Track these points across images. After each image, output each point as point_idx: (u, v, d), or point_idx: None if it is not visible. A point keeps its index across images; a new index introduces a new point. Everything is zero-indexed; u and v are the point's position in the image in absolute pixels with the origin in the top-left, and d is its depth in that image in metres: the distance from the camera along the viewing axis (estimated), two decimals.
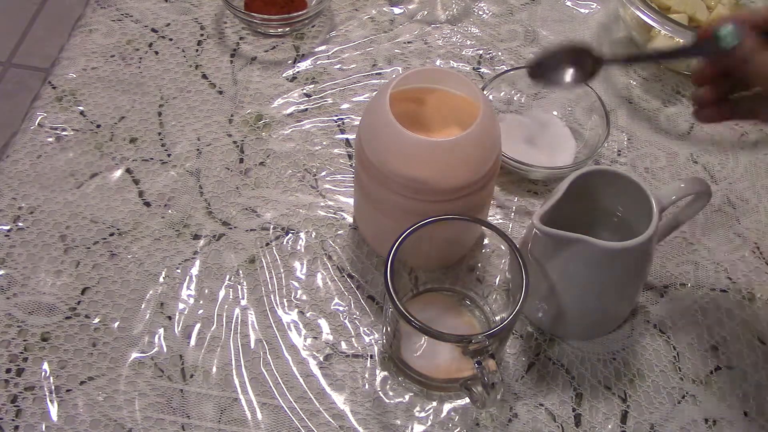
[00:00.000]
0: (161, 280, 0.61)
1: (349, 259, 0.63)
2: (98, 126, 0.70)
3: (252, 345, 0.58)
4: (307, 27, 0.78)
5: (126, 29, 0.77)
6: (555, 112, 0.72)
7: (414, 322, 0.47)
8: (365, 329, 0.59)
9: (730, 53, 0.46)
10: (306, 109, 0.72)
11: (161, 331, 0.58)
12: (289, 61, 0.76)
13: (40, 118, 0.70)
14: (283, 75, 0.75)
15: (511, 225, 0.65)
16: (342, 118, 0.72)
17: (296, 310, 0.60)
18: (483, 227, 0.55)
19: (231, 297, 0.60)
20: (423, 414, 0.55)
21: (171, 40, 0.77)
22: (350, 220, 0.65)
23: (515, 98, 0.73)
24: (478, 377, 0.48)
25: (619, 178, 0.55)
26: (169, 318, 0.59)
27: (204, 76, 0.74)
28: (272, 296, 0.60)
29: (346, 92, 0.74)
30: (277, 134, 0.70)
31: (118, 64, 0.75)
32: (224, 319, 0.59)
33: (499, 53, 0.78)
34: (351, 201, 0.66)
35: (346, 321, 0.59)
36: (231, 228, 0.64)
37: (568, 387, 0.57)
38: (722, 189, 0.69)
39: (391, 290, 0.48)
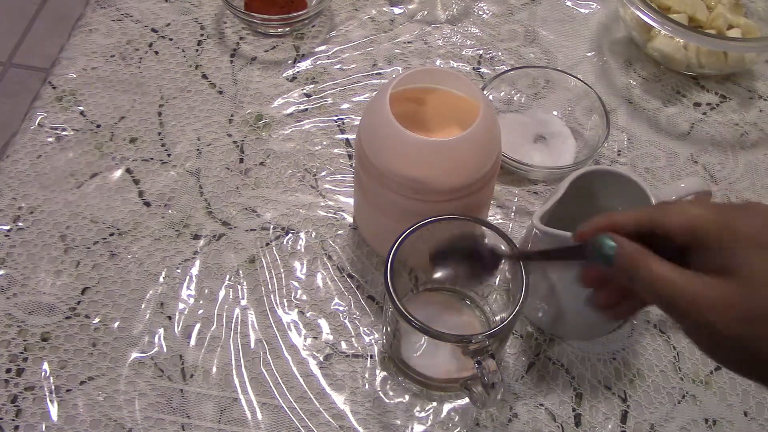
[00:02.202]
0: (161, 280, 0.61)
1: (349, 259, 0.63)
2: (98, 126, 0.70)
3: (252, 345, 0.58)
4: (307, 27, 0.78)
5: (126, 29, 0.77)
6: (555, 112, 0.72)
7: (414, 322, 0.47)
8: (365, 329, 0.59)
9: (610, 266, 0.39)
10: (306, 109, 0.72)
11: (161, 331, 0.58)
12: (289, 61, 0.76)
13: (40, 118, 0.70)
14: (283, 75, 0.75)
15: (511, 225, 0.65)
16: (342, 118, 0.72)
17: (296, 310, 0.60)
18: (483, 227, 0.55)
19: (231, 297, 0.60)
20: (423, 414, 0.55)
21: (171, 40, 0.77)
22: (350, 220, 0.65)
23: (515, 98, 0.73)
24: (478, 377, 0.48)
25: (619, 178, 0.55)
26: (169, 318, 0.59)
27: (204, 76, 0.74)
28: (272, 296, 0.60)
29: (346, 92, 0.74)
30: (277, 134, 0.70)
31: (118, 64, 0.75)
32: (224, 319, 0.59)
33: (499, 53, 0.78)
34: (351, 201, 0.66)
35: (346, 321, 0.59)
36: (231, 228, 0.64)
37: (568, 387, 0.57)
38: (722, 189, 0.69)
39: (391, 290, 0.48)
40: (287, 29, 0.77)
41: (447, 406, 0.56)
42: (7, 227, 0.63)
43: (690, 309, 0.36)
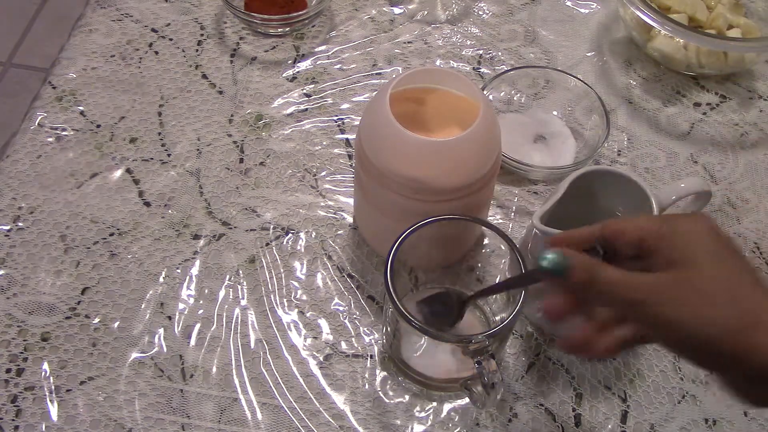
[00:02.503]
0: (161, 280, 0.61)
1: (349, 259, 0.63)
2: (98, 126, 0.70)
3: (252, 345, 0.58)
4: (307, 27, 0.78)
5: (126, 29, 0.77)
6: (555, 112, 0.72)
7: (414, 322, 0.47)
8: (365, 329, 0.59)
9: (567, 279, 0.39)
10: (306, 109, 0.72)
11: (161, 331, 0.58)
12: (289, 61, 0.76)
13: (40, 118, 0.70)
14: (283, 75, 0.75)
15: (511, 225, 0.65)
16: (342, 118, 0.72)
17: (296, 310, 0.60)
18: (483, 227, 0.55)
19: (231, 297, 0.60)
20: (423, 414, 0.55)
21: (171, 40, 0.77)
22: (350, 220, 0.65)
23: (515, 98, 0.73)
24: (478, 377, 0.48)
25: (619, 177, 0.55)
26: (169, 318, 0.59)
27: (204, 76, 0.74)
28: (272, 296, 0.60)
29: (346, 92, 0.74)
30: (277, 134, 0.70)
31: (118, 64, 0.75)
32: (224, 319, 0.59)
33: (499, 53, 0.78)
34: (351, 201, 0.66)
35: (346, 321, 0.59)
36: (231, 228, 0.64)
37: (568, 387, 0.57)
38: (722, 189, 0.69)
39: (391, 290, 0.48)
40: (287, 29, 0.77)
41: (447, 406, 0.56)
42: (7, 227, 0.63)
43: (647, 302, 0.37)
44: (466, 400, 0.55)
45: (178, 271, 0.61)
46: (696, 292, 0.37)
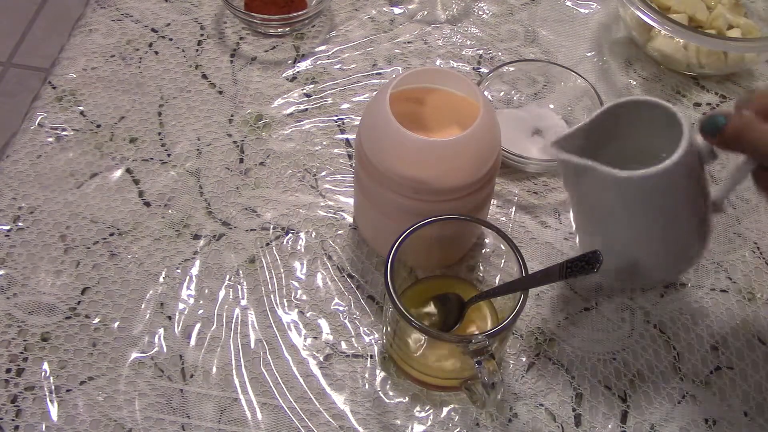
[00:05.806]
0: (161, 280, 0.61)
1: (349, 259, 0.63)
2: (98, 126, 0.70)
3: (252, 345, 0.58)
4: (307, 27, 0.78)
5: (126, 29, 0.77)
6: (551, 106, 0.72)
7: (414, 322, 0.47)
8: (365, 329, 0.59)
9: (722, 133, 0.46)
10: (306, 109, 0.72)
11: (161, 331, 0.58)
12: (289, 61, 0.76)
13: (40, 118, 0.70)
14: (283, 75, 0.75)
15: (511, 225, 0.65)
16: (342, 118, 0.72)
17: (296, 310, 0.60)
18: (483, 227, 0.55)
19: (231, 297, 0.60)
20: (423, 414, 0.55)
21: (171, 40, 0.77)
22: (350, 220, 0.65)
23: (515, 98, 0.73)
24: (478, 377, 0.49)
25: (653, 108, 0.52)
26: (169, 318, 0.59)
27: (204, 76, 0.74)
28: (272, 296, 0.60)
29: (346, 92, 0.74)
30: (277, 134, 0.70)
31: (118, 64, 0.75)
32: (224, 319, 0.59)
33: (499, 53, 0.78)
34: (351, 201, 0.66)
35: (346, 321, 0.59)
36: (231, 228, 0.64)
37: (568, 387, 0.57)
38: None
39: (391, 290, 0.48)
40: (287, 29, 0.77)
41: (447, 407, 0.56)
42: (7, 227, 0.63)
43: None
44: (466, 400, 0.55)
45: (178, 271, 0.61)
46: None
